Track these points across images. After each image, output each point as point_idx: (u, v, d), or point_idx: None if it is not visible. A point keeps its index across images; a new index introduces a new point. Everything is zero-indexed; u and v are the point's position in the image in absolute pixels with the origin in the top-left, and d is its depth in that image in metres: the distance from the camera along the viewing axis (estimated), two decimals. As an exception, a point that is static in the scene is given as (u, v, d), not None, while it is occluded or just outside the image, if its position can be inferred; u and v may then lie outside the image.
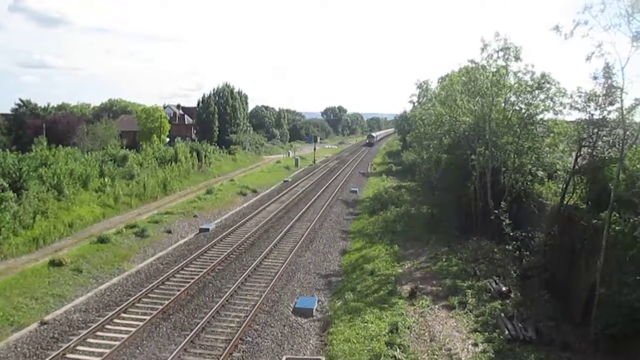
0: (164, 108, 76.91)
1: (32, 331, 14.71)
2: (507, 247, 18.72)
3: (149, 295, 17.68)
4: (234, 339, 14.08)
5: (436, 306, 16.27)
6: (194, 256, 22.34)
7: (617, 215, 13.14)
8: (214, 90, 79.23)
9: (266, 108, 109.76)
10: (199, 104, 78.02)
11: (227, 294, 17.69)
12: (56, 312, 16.17)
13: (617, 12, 12.09)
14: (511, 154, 22.37)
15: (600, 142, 16.07)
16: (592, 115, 16.01)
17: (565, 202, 17.47)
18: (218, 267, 21.22)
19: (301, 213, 32.74)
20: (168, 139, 66.17)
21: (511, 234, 18.33)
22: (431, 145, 32.70)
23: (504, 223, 18.51)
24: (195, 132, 79.04)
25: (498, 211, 19.32)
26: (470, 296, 16.62)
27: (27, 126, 59.48)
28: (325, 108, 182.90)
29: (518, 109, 22.86)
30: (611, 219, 13.00)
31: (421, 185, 40.11)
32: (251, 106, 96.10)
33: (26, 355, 13.27)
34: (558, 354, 12.86)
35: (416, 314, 15.74)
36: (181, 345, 13.60)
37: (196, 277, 19.38)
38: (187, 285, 18.51)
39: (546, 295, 16.33)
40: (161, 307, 16.31)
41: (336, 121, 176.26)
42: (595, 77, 14.78)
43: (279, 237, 26.22)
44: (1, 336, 14.28)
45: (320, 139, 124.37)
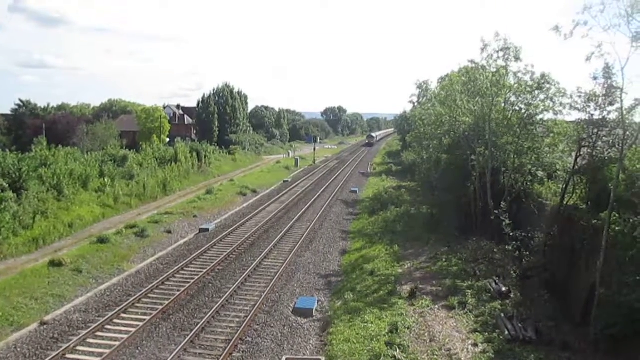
0: (164, 108, 76.95)
1: (31, 331, 14.70)
2: (507, 248, 18.72)
3: (148, 295, 17.68)
4: (233, 339, 14.08)
5: (436, 306, 16.27)
6: (193, 256, 22.35)
7: (617, 215, 13.15)
8: (214, 90, 79.30)
9: (266, 108, 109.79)
10: (198, 104, 78.05)
11: (227, 294, 17.69)
12: (56, 313, 16.17)
13: (616, 12, 12.11)
14: (511, 154, 22.37)
15: (600, 143, 16.06)
16: (592, 115, 16.01)
17: (565, 203, 17.47)
18: (218, 267, 21.23)
19: (301, 213, 32.74)
20: (168, 139, 66.19)
21: (511, 234, 18.32)
22: (431, 146, 32.72)
23: (504, 223, 18.50)
24: (195, 132, 79.05)
25: (498, 211, 19.31)
26: (470, 296, 16.62)
27: (27, 126, 59.53)
28: (325, 108, 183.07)
29: (518, 109, 22.87)
30: (611, 219, 13.01)
31: (421, 185, 40.12)
32: (251, 106, 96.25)
33: (26, 356, 13.27)
34: (558, 354, 12.86)
35: (416, 314, 15.74)
36: (181, 346, 13.60)
37: (196, 277, 19.38)
38: (187, 285, 18.51)
39: (546, 296, 16.33)
40: (161, 308, 16.31)
41: (336, 121, 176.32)
42: (595, 78, 14.80)
43: (278, 237, 26.22)
44: (1, 336, 14.27)
45: (320, 139, 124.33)
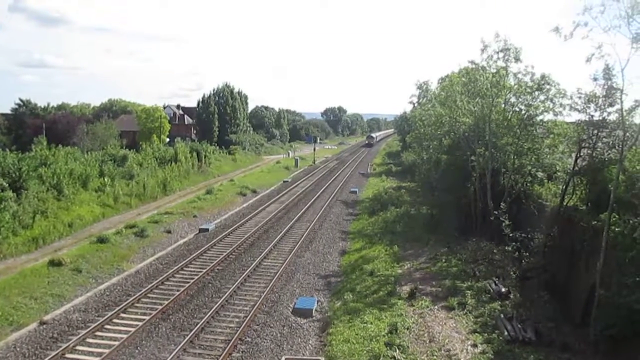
0: (164, 108, 76.93)
1: (31, 331, 14.70)
2: (506, 248, 18.71)
3: (148, 295, 17.67)
4: (233, 339, 14.08)
5: (435, 307, 16.26)
6: (193, 256, 22.34)
7: (616, 216, 13.16)
8: (214, 90, 79.35)
9: (266, 108, 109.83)
10: (199, 104, 78.07)
11: (226, 294, 17.69)
12: (55, 312, 16.16)
13: (616, 13, 12.10)
14: (511, 155, 22.38)
15: (600, 144, 16.05)
16: (592, 116, 16.01)
17: (565, 203, 17.47)
18: (217, 268, 21.22)
19: (301, 213, 32.74)
20: (168, 139, 66.16)
21: (511, 235, 18.31)
22: (431, 146, 32.76)
23: (504, 224, 18.49)
24: (195, 132, 79.05)
25: (498, 212, 19.30)
26: (469, 297, 16.61)
27: (27, 126, 59.50)
28: (325, 108, 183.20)
29: (518, 110, 22.88)
30: (611, 220, 13.01)
31: (421, 185, 40.13)
32: (251, 106, 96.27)
33: (25, 355, 13.26)
34: (557, 355, 12.85)
35: (415, 314, 15.73)
36: (180, 346, 13.59)
37: (196, 277, 19.38)
38: (187, 285, 18.50)
39: (546, 296, 16.34)
40: (160, 307, 16.30)
41: (336, 122, 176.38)
42: (595, 79, 14.79)
43: (278, 237, 26.21)
44: (0, 336, 14.26)
45: (320, 139, 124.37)
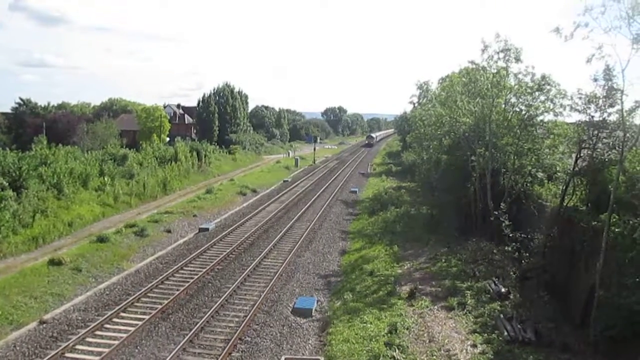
0: (164, 107, 76.90)
1: (31, 330, 14.70)
2: (506, 249, 18.70)
3: (148, 294, 17.68)
4: (233, 339, 14.08)
5: (435, 307, 16.27)
6: (193, 256, 22.35)
7: (616, 217, 13.16)
8: (214, 89, 79.39)
9: (266, 108, 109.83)
10: (199, 103, 78.08)
11: (226, 293, 17.69)
12: (55, 311, 16.16)
13: (617, 14, 12.09)
14: (511, 155, 22.37)
15: (600, 144, 16.05)
16: (592, 117, 16.00)
17: (565, 204, 17.46)
18: (217, 267, 21.23)
19: (301, 213, 32.75)
20: (168, 139, 66.14)
21: (511, 235, 18.30)
22: (431, 146, 32.74)
23: (504, 224, 18.49)
24: (195, 131, 79.08)
25: (498, 212, 19.29)
26: (469, 297, 16.60)
27: (27, 125, 59.54)
28: (326, 108, 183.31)
29: (518, 110, 22.85)
30: (611, 220, 13.01)
31: (421, 186, 40.13)
32: (251, 106, 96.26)
33: (25, 354, 13.26)
34: (557, 355, 12.85)
35: (415, 314, 15.74)
36: (180, 345, 13.60)
37: (195, 277, 19.38)
38: (187, 284, 18.51)
39: (545, 297, 16.31)
40: (160, 307, 16.30)
41: (336, 121, 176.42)
42: (596, 79, 14.77)
43: (278, 237, 26.22)
44: (0, 335, 14.27)
45: (320, 139, 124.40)
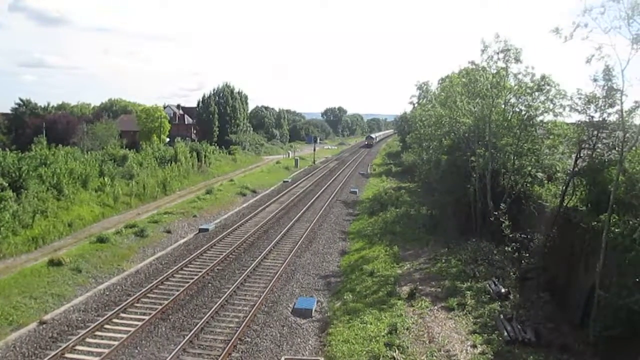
0: (164, 108, 76.86)
1: (31, 331, 14.69)
2: (506, 249, 18.70)
3: (148, 295, 17.67)
4: (232, 339, 14.08)
5: (435, 307, 16.28)
6: (193, 256, 22.34)
7: (616, 217, 13.17)
8: (214, 90, 79.45)
9: (266, 108, 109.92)
10: (199, 104, 78.12)
11: (226, 294, 17.69)
12: (55, 312, 16.16)
13: (617, 14, 12.13)
14: (511, 155, 22.38)
15: (600, 145, 16.06)
16: (592, 117, 16.00)
17: (564, 204, 17.47)
18: (217, 268, 21.22)
19: (301, 213, 32.75)
20: (168, 139, 66.15)
21: (510, 235, 18.30)
22: (431, 147, 32.75)
23: (504, 225, 18.48)
24: (195, 132, 79.08)
25: (497, 213, 19.29)
26: (469, 297, 16.62)
27: (27, 125, 59.50)
28: (325, 109, 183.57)
29: (518, 110, 22.88)
30: (610, 221, 13.02)
31: (421, 186, 40.16)
32: (251, 106, 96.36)
33: (25, 355, 13.26)
34: (557, 356, 12.86)
35: (415, 315, 15.74)
36: (180, 346, 13.60)
37: (195, 277, 19.38)
38: (187, 285, 18.50)
39: (545, 297, 16.32)
40: (160, 307, 16.30)
41: (336, 122, 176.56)
42: (595, 80, 14.76)
43: (278, 237, 26.22)
44: (0, 335, 14.26)
45: (320, 139, 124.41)
